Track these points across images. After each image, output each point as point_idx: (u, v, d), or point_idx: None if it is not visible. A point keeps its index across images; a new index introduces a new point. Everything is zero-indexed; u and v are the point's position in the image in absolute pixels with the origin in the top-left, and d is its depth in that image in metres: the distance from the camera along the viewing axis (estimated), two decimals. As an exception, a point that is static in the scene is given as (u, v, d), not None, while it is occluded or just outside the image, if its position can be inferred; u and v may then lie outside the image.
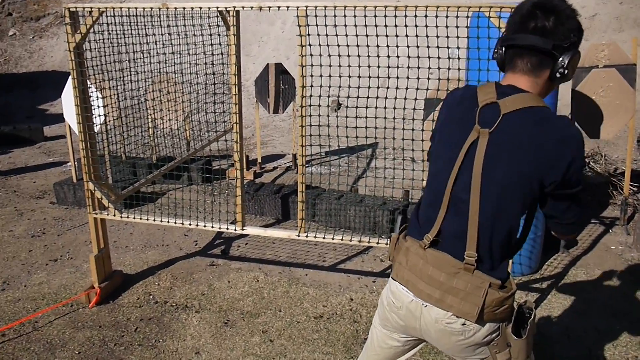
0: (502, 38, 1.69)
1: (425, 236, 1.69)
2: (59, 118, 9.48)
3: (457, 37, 2.95)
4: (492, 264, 1.63)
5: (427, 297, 1.67)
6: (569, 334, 3.25)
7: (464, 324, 1.63)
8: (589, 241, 4.46)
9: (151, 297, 3.77)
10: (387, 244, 3.22)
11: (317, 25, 3.07)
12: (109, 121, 4.50)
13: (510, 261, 2.37)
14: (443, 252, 1.66)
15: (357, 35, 3.03)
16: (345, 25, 3.00)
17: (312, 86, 3.21)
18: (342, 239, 3.26)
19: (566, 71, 1.59)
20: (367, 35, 3.01)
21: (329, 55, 3.18)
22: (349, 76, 3.18)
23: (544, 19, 1.57)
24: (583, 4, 8.95)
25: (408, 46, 2.99)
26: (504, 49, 1.68)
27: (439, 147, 1.76)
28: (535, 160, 1.56)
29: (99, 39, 3.67)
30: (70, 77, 3.45)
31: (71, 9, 3.26)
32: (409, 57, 3.05)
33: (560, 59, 1.59)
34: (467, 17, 3.05)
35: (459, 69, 3.22)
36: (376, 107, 3.23)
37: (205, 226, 3.53)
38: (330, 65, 3.20)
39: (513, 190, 1.59)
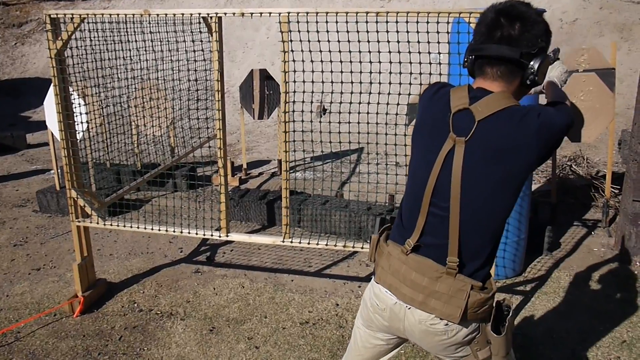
0: (470, 47, 1.68)
1: (407, 241, 1.71)
2: (42, 125, 9.38)
3: (439, 42, 2.97)
4: (474, 267, 1.66)
5: (410, 300, 1.70)
6: (553, 335, 3.28)
7: (446, 325, 1.67)
8: (571, 244, 4.50)
9: (136, 305, 3.74)
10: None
11: (299, 31, 3.09)
12: (92, 128, 4.47)
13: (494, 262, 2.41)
14: (425, 257, 1.68)
15: (339, 41, 3.05)
16: (328, 32, 3.01)
17: (295, 92, 3.22)
18: (327, 245, 3.26)
19: (536, 77, 1.60)
20: (349, 41, 3.03)
21: (312, 61, 3.19)
22: (332, 82, 3.20)
23: (510, 27, 1.57)
24: (564, 9, 9.08)
25: (390, 52, 3.02)
26: (473, 57, 1.67)
27: (416, 151, 1.77)
28: (525, 157, 1.57)
29: (81, 46, 3.65)
30: (52, 84, 3.43)
31: (52, 16, 3.24)
32: (391, 62, 3.07)
33: (530, 65, 1.59)
34: (448, 22, 3.09)
35: (440, 74, 3.25)
36: (359, 112, 3.24)
37: (190, 233, 3.52)
38: (313, 71, 3.22)
39: (501, 194, 1.61)
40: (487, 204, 1.61)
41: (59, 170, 5.71)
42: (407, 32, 2.83)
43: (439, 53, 3.05)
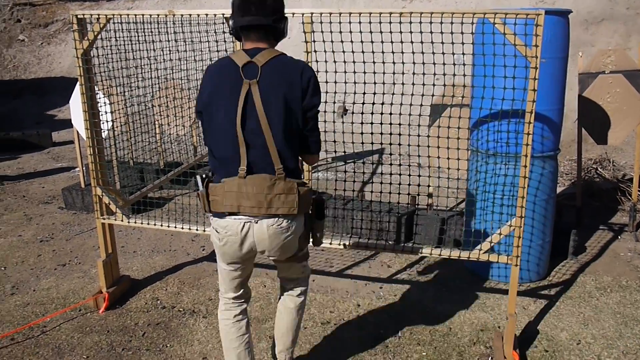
0: (232, 20, 2.26)
1: (240, 170, 2.20)
2: (67, 124, 9.53)
3: (462, 43, 2.95)
4: (292, 172, 2.24)
5: (257, 211, 2.19)
6: (578, 340, 3.23)
7: (288, 222, 2.25)
8: (597, 248, 4.43)
9: (159, 302, 3.77)
10: (394, 250, 3.22)
11: (322, 32, 3.09)
12: (117, 127, 4.52)
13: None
14: (259, 174, 2.19)
15: (362, 42, 3.04)
16: (351, 32, 3.00)
17: (318, 92, 3.21)
18: (348, 245, 3.26)
19: (284, 35, 2.33)
20: (372, 42, 3.02)
21: (335, 62, 3.19)
22: (355, 82, 3.19)
23: (259, 3, 2.19)
24: (589, 9, 8.93)
25: (414, 52, 3.00)
26: (237, 27, 2.26)
27: (215, 108, 2.24)
28: (294, 89, 2.19)
29: (107, 46, 3.70)
30: (78, 83, 3.48)
31: (79, 16, 3.29)
32: (414, 63, 3.05)
33: (280, 27, 2.28)
34: (472, 23, 3.06)
35: (464, 75, 3.23)
36: (382, 113, 3.22)
37: (212, 232, 3.53)
38: (336, 72, 3.21)
39: (289, 116, 2.19)
40: (285, 122, 2.18)
41: (84, 168, 5.79)
42: (431, 32, 2.81)
43: (463, 54, 3.03)
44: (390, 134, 3.26)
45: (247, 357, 2.56)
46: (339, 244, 3.27)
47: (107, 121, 4.02)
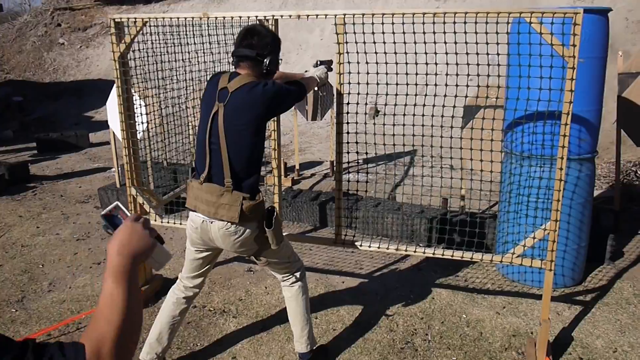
0: (233, 51, 2.68)
1: (201, 176, 2.63)
2: (104, 125, 9.75)
3: (497, 43, 2.90)
4: (244, 185, 2.57)
5: (208, 213, 2.60)
6: (615, 348, 3.14)
7: (236, 227, 2.58)
8: (635, 253, 4.30)
9: (190, 301, 3.82)
10: (424, 252, 3.19)
11: (355, 32, 3.08)
12: (152, 128, 4.60)
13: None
14: (212, 184, 2.60)
15: (395, 43, 3.02)
16: (384, 33, 2.99)
17: (350, 93, 3.21)
18: (379, 247, 3.24)
19: (268, 67, 2.63)
20: (405, 43, 3.00)
21: (367, 63, 3.18)
22: (387, 83, 3.18)
23: (250, 38, 2.61)
24: (630, 7, 8.70)
25: (447, 53, 2.97)
26: (235, 56, 2.67)
27: (201, 115, 2.69)
28: (256, 110, 2.52)
29: (143, 49, 3.77)
30: (114, 85, 3.55)
31: (117, 20, 3.36)
32: (447, 63, 3.02)
33: (264, 61, 2.61)
34: (508, 23, 3.01)
35: (498, 76, 3.17)
36: (414, 114, 3.20)
37: (243, 232, 3.56)
38: (368, 73, 3.20)
39: (246, 135, 2.53)
40: (239, 142, 2.54)
41: (119, 169, 5.92)
42: (465, 32, 2.78)
43: (498, 54, 2.98)
44: (423, 135, 3.23)
45: (166, 335, 2.92)
46: (369, 246, 3.26)
47: (142, 122, 4.09)
